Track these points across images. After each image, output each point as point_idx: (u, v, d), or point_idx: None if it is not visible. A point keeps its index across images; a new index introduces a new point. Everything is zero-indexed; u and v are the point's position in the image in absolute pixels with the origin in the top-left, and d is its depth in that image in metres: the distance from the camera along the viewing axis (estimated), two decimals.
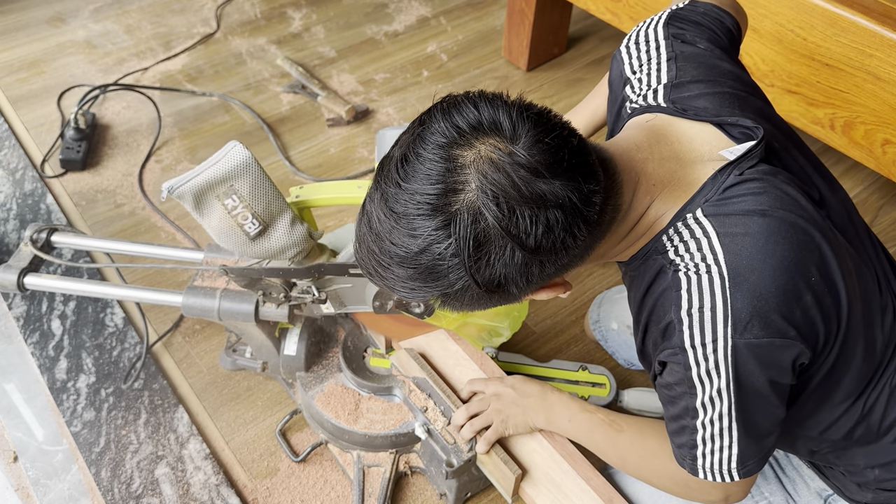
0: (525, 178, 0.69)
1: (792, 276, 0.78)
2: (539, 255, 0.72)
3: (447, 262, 0.71)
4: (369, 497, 1.28)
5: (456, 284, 0.73)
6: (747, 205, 0.81)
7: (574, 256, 0.76)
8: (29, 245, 1.29)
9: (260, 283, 1.19)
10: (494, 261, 0.71)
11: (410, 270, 0.73)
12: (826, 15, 1.44)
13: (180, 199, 1.07)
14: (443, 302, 0.78)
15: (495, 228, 0.69)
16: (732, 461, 0.87)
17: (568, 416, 1.15)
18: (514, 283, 0.74)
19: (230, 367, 1.50)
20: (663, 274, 0.84)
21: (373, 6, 2.51)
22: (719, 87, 0.92)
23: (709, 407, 0.83)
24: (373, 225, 0.75)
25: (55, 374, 1.48)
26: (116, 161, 1.94)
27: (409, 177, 0.71)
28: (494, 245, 0.70)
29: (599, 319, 1.52)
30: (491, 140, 0.70)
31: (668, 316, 0.82)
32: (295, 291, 1.21)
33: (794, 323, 0.79)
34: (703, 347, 0.79)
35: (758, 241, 0.79)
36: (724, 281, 0.78)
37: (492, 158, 0.69)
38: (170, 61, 2.26)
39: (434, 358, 1.31)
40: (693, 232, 0.82)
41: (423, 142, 0.71)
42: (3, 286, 1.26)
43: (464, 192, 0.69)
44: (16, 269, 1.26)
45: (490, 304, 0.79)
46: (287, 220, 1.10)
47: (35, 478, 1.34)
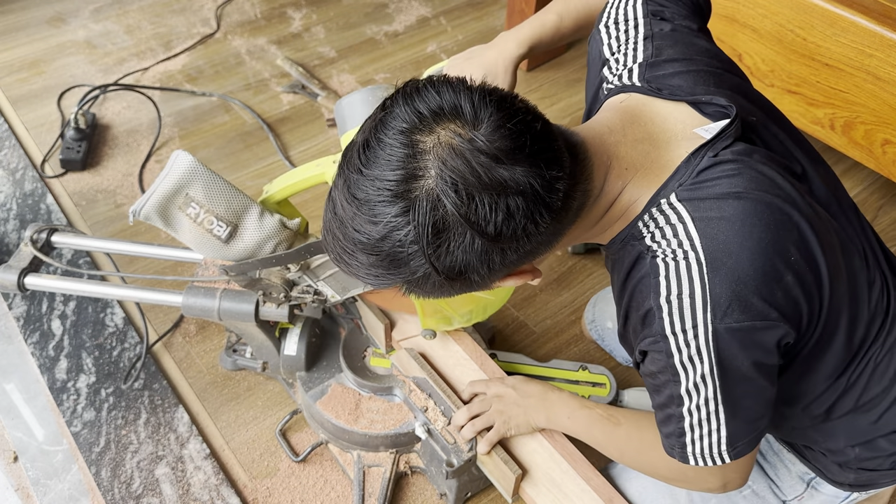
0: (485, 165, 0.68)
1: (770, 257, 0.78)
2: (500, 243, 0.71)
3: (407, 248, 0.70)
4: (369, 497, 1.28)
5: (418, 272, 0.72)
6: (721, 188, 0.80)
7: (538, 243, 0.75)
8: (29, 245, 1.29)
9: (260, 284, 1.19)
10: (454, 248, 0.70)
11: (373, 257, 0.73)
12: (826, 15, 1.44)
13: (148, 220, 1.10)
14: (407, 289, 0.77)
15: (454, 216, 0.68)
16: (722, 444, 0.86)
17: (567, 413, 1.15)
18: (475, 271, 0.73)
19: (230, 367, 1.50)
20: (641, 260, 0.83)
21: (373, 6, 2.51)
22: (695, 65, 0.91)
23: (693, 393, 0.82)
24: (337, 211, 0.74)
25: (55, 374, 1.48)
26: (116, 161, 1.94)
27: (371, 163, 0.70)
28: (453, 232, 0.69)
29: (595, 319, 1.52)
30: (452, 125, 0.69)
31: (647, 303, 0.81)
32: (295, 291, 1.21)
33: (776, 304, 0.78)
34: (684, 334, 0.79)
35: (733, 224, 0.78)
36: (701, 266, 0.78)
37: (452, 144, 0.68)
38: (170, 61, 2.26)
39: (434, 358, 1.31)
40: (668, 217, 0.81)
41: (385, 127, 0.71)
42: (3, 286, 1.26)
43: (424, 178, 0.68)
44: (16, 270, 1.26)
45: (454, 292, 0.78)
46: (254, 215, 1.11)
47: (35, 478, 1.34)
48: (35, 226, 1.31)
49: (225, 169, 1.94)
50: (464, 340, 1.33)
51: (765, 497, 1.14)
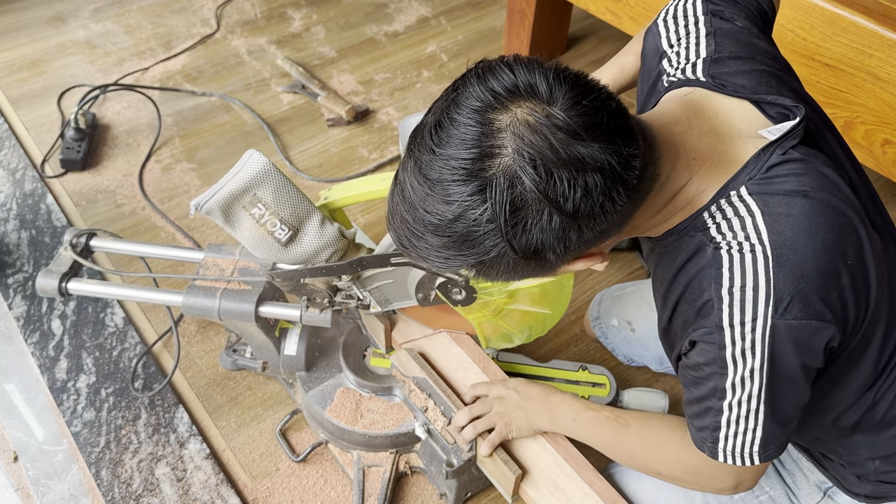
0: (563, 141, 0.67)
1: (832, 257, 0.78)
2: (577, 220, 0.70)
3: (483, 227, 0.69)
4: (369, 497, 1.28)
5: (492, 252, 0.71)
6: (790, 185, 0.80)
7: (612, 223, 0.74)
8: (69, 250, 1.27)
9: (305, 289, 1.19)
10: (532, 226, 0.69)
11: (445, 238, 0.72)
12: (826, 15, 1.44)
13: (209, 215, 1.08)
14: (477, 271, 0.76)
15: (532, 192, 0.67)
16: (755, 444, 0.86)
17: (572, 415, 1.15)
18: (552, 250, 0.72)
19: (230, 367, 1.50)
20: (702, 251, 0.82)
21: (373, 6, 2.51)
22: (757, 64, 0.91)
23: (738, 388, 0.82)
24: (406, 194, 0.74)
25: (55, 374, 1.48)
26: (116, 161, 1.94)
27: (444, 142, 0.69)
28: (532, 209, 0.68)
29: (599, 316, 1.52)
30: (528, 103, 0.68)
31: (707, 294, 0.80)
32: (339, 297, 1.20)
33: (831, 305, 0.79)
34: (742, 326, 0.78)
35: (800, 221, 0.78)
36: (767, 260, 0.78)
37: (528, 121, 0.67)
38: (170, 61, 2.26)
39: (435, 359, 1.31)
40: (737, 210, 0.81)
41: (458, 106, 0.70)
42: (45, 291, 1.24)
43: (500, 155, 0.68)
44: (57, 275, 1.25)
45: (525, 273, 0.77)
46: (316, 221, 1.10)
47: (35, 478, 1.34)
48: (74, 230, 1.30)
49: (225, 169, 1.93)
50: (464, 341, 1.33)
51: None
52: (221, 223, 1.10)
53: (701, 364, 0.84)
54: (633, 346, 1.48)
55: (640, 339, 1.45)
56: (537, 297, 1.18)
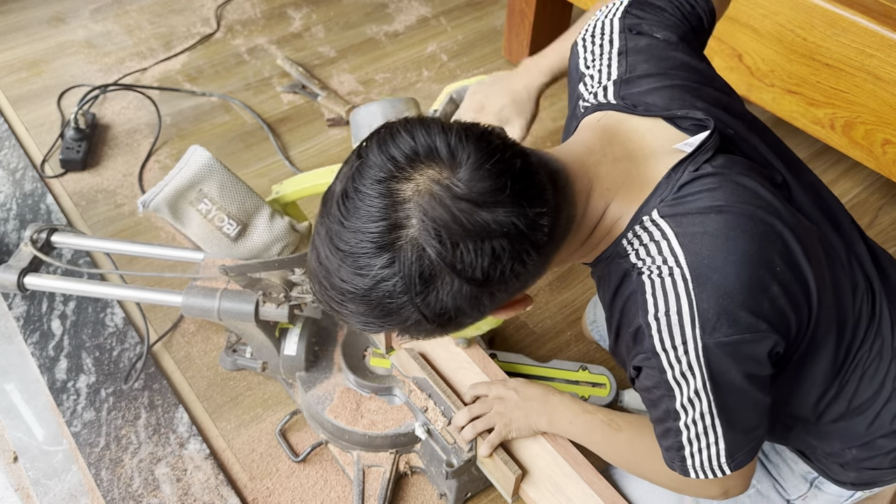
0: (466, 210, 0.66)
1: (755, 269, 0.78)
2: (488, 287, 0.70)
3: (396, 299, 0.69)
4: (369, 497, 1.28)
5: (409, 320, 0.71)
6: (703, 202, 0.80)
7: (526, 280, 0.74)
8: (29, 245, 1.29)
9: (260, 284, 1.19)
10: (443, 295, 0.69)
11: (363, 307, 0.71)
12: (826, 15, 1.44)
13: (157, 212, 1.08)
14: (401, 334, 0.76)
15: (439, 263, 0.67)
16: (722, 456, 0.86)
17: (569, 417, 1.15)
18: (466, 315, 0.72)
19: (230, 367, 1.50)
20: (627, 277, 0.83)
21: (373, 6, 2.51)
22: (670, 79, 0.90)
23: (689, 408, 0.82)
24: (322, 260, 0.73)
25: (55, 374, 1.48)
26: (116, 161, 1.94)
27: (351, 214, 0.69)
28: (441, 280, 0.68)
29: (596, 319, 1.51)
30: (429, 170, 0.68)
31: (637, 321, 0.81)
32: (295, 291, 1.21)
33: (764, 316, 0.78)
34: (675, 350, 0.79)
35: (717, 238, 0.78)
36: (686, 282, 0.77)
37: (431, 191, 0.67)
38: (170, 61, 2.26)
39: (435, 359, 1.31)
40: (652, 234, 0.81)
41: (362, 176, 0.69)
42: (3, 286, 1.26)
43: (407, 227, 0.67)
44: (16, 270, 1.26)
45: (447, 333, 0.77)
46: (266, 215, 1.10)
47: (35, 478, 1.34)
48: (35, 226, 1.31)
49: None
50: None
51: (769, 496, 1.14)
52: (170, 220, 1.10)
53: (650, 387, 0.84)
54: None
55: None
56: None
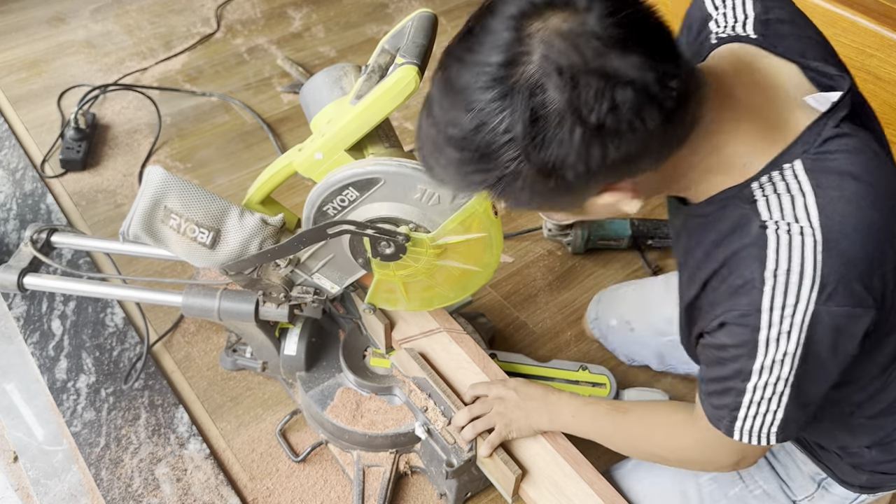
0: (595, 50, 0.64)
1: (880, 243, 0.76)
2: (601, 136, 0.65)
3: (500, 138, 0.66)
4: (369, 497, 1.28)
5: (510, 166, 0.68)
6: (843, 163, 0.77)
7: (643, 148, 0.69)
8: (29, 245, 1.29)
9: (260, 283, 1.19)
10: (551, 138, 0.65)
11: (464, 152, 0.69)
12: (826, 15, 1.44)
13: (138, 240, 1.11)
14: (499, 192, 0.72)
15: (555, 102, 0.64)
16: (774, 425, 0.84)
17: (571, 412, 1.14)
18: (572, 168, 0.67)
19: (230, 367, 1.50)
20: (745, 227, 0.78)
21: (373, 6, 2.51)
22: (802, 30, 0.88)
23: (766, 371, 0.80)
24: (432, 109, 0.72)
25: (55, 374, 1.48)
26: (116, 161, 1.94)
27: (474, 50, 0.67)
28: (552, 120, 0.65)
29: (598, 317, 1.51)
30: (564, 13, 0.65)
31: (748, 274, 0.77)
32: (295, 291, 1.21)
33: (872, 290, 0.76)
34: (783, 310, 0.76)
35: (851, 204, 0.76)
36: (815, 245, 0.75)
37: (560, 29, 0.64)
38: (170, 61, 2.26)
39: (435, 359, 1.31)
40: (789, 186, 0.77)
41: (493, 13, 0.67)
42: (3, 286, 1.26)
43: (526, 63, 0.65)
44: (16, 270, 1.26)
45: (550, 198, 0.73)
46: (234, 216, 1.11)
47: (35, 478, 1.34)
48: (35, 226, 1.31)
49: (225, 169, 1.94)
50: (465, 342, 1.33)
51: (775, 497, 1.13)
52: (153, 244, 1.13)
53: (728, 345, 0.82)
54: (632, 345, 1.47)
55: (640, 338, 1.45)
56: (465, 254, 1.16)
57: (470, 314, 1.53)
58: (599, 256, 1.76)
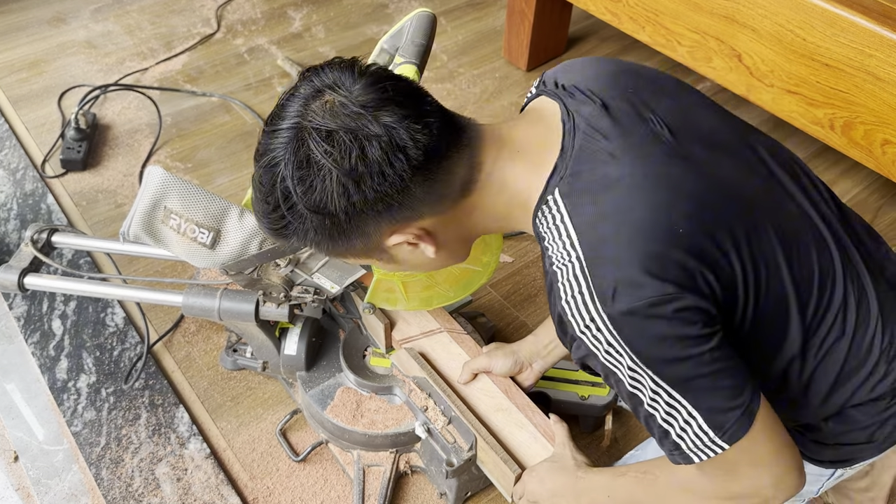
0: (351, 114, 0.78)
1: (654, 234, 0.79)
2: (355, 178, 0.78)
3: (282, 188, 0.81)
4: (369, 496, 1.28)
5: (293, 212, 0.82)
6: (597, 175, 0.83)
7: (402, 192, 0.80)
8: (29, 245, 1.29)
9: (260, 283, 1.19)
10: (317, 183, 0.79)
11: (266, 205, 0.83)
12: (826, 15, 1.44)
13: (138, 240, 1.11)
14: (297, 237, 0.85)
15: (315, 154, 0.78)
16: (707, 431, 0.82)
17: (606, 492, 1.08)
18: (338, 205, 0.80)
19: (231, 367, 1.50)
20: (548, 264, 0.86)
21: (373, 6, 2.52)
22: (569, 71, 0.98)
23: (638, 387, 0.82)
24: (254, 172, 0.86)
25: (56, 374, 1.48)
26: (117, 161, 1.95)
27: (275, 122, 0.83)
28: (316, 167, 0.79)
29: None
30: (334, 91, 0.81)
31: (557, 309, 0.84)
32: (295, 291, 1.21)
33: (670, 279, 0.77)
34: (589, 330, 0.81)
35: (609, 214, 0.81)
36: (582, 262, 0.81)
37: (328, 101, 0.80)
38: (170, 61, 2.26)
39: (435, 359, 1.31)
40: (554, 217, 0.85)
41: (294, 95, 0.83)
42: (4, 286, 1.26)
43: (302, 128, 0.80)
44: (16, 270, 1.26)
45: (338, 239, 0.84)
46: (234, 216, 1.11)
47: (35, 477, 1.34)
48: (35, 226, 1.31)
49: (225, 169, 1.94)
50: (465, 342, 1.33)
51: None
52: (153, 244, 1.13)
53: (605, 376, 0.85)
54: None
55: None
56: None
57: (470, 314, 1.53)
58: None
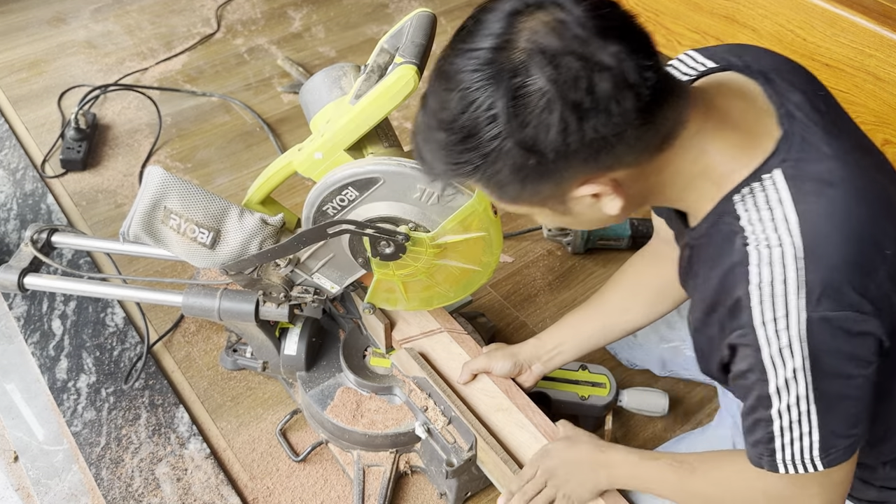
0: (577, 37, 0.69)
1: (866, 248, 0.76)
2: (578, 113, 0.69)
3: (483, 115, 0.71)
4: (369, 496, 1.28)
5: (492, 144, 0.72)
6: (821, 169, 0.77)
7: (619, 135, 0.72)
8: (29, 245, 1.29)
9: (260, 283, 1.19)
10: (531, 114, 0.70)
11: (452, 134, 0.74)
12: (826, 15, 1.44)
13: (138, 240, 1.12)
14: (483, 175, 0.76)
15: (536, 81, 0.69)
16: (814, 449, 0.81)
17: (632, 471, 1.07)
18: (551, 144, 0.71)
19: (231, 367, 1.50)
20: (730, 245, 0.80)
21: (373, 6, 2.52)
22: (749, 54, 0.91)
23: (783, 393, 0.78)
24: (426, 100, 0.77)
25: (56, 374, 1.48)
26: (117, 161, 1.95)
27: (467, 40, 0.73)
28: (533, 98, 0.69)
29: None
30: (552, 9, 0.71)
31: (736, 292, 0.78)
32: (295, 291, 1.21)
33: (869, 297, 0.75)
34: (775, 323, 0.76)
35: (831, 210, 0.76)
36: (796, 252, 0.75)
37: (547, 20, 0.70)
38: (170, 61, 2.26)
39: (435, 359, 1.31)
40: (768, 197, 0.78)
41: (488, 11, 0.73)
42: (3, 286, 1.26)
43: (513, 47, 0.70)
44: (16, 270, 1.26)
45: (530, 181, 0.75)
46: (234, 216, 1.11)
47: (35, 478, 1.34)
48: (35, 226, 1.31)
49: (225, 169, 1.94)
50: (465, 342, 1.33)
51: None
52: (153, 244, 1.13)
53: (745, 371, 0.81)
54: (634, 350, 1.47)
55: (642, 343, 1.44)
56: (465, 253, 1.16)
57: (470, 314, 1.53)
58: (599, 256, 1.77)
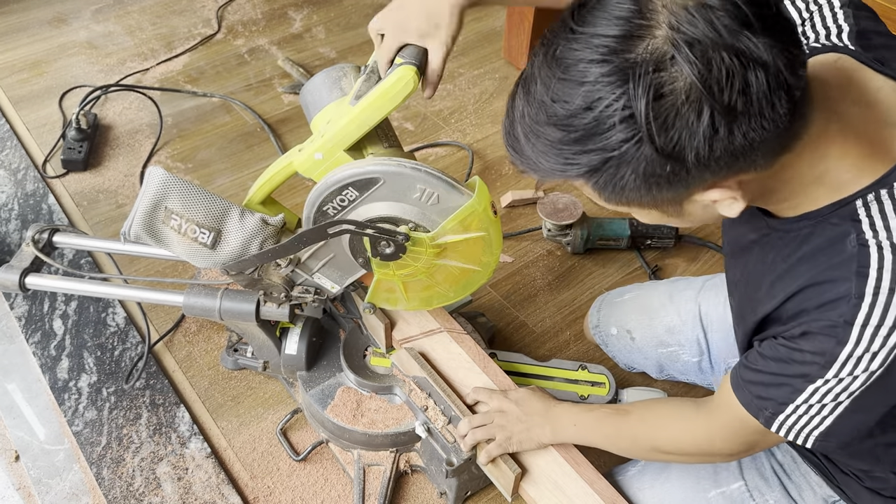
0: (728, 27, 0.60)
1: None
2: (730, 118, 0.61)
3: (615, 116, 0.62)
4: (370, 496, 1.28)
5: (621, 148, 0.63)
6: None
7: (764, 139, 0.64)
8: (31, 245, 1.29)
9: (261, 283, 1.20)
10: (675, 118, 0.61)
11: (569, 132, 0.65)
12: None
13: (139, 240, 1.12)
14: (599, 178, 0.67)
15: (684, 78, 0.60)
16: (818, 430, 0.80)
17: (572, 420, 1.13)
18: (696, 151, 0.62)
19: (231, 367, 1.50)
20: (840, 244, 0.74)
21: (373, 7, 2.52)
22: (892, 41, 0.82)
23: (833, 382, 0.76)
24: (530, 87, 0.67)
25: (57, 374, 1.48)
26: (118, 161, 1.95)
27: (587, 22, 0.63)
28: (679, 98, 0.61)
29: (599, 324, 1.50)
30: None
31: (842, 289, 0.73)
32: (296, 291, 1.22)
33: None
34: (877, 329, 0.71)
35: None
36: None
37: (685, 4, 0.61)
38: (171, 62, 2.26)
39: (435, 359, 1.31)
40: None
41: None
42: (5, 286, 1.26)
43: (650, 37, 0.61)
44: (17, 270, 1.26)
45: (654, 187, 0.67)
46: (235, 216, 1.12)
47: (36, 477, 1.34)
48: (37, 226, 1.32)
49: (226, 169, 1.95)
50: (465, 341, 1.33)
51: None
52: (155, 244, 1.14)
53: (805, 351, 0.78)
54: (633, 353, 1.47)
55: (640, 347, 1.44)
56: (465, 253, 1.15)
57: (470, 314, 1.53)
58: (599, 256, 1.77)
